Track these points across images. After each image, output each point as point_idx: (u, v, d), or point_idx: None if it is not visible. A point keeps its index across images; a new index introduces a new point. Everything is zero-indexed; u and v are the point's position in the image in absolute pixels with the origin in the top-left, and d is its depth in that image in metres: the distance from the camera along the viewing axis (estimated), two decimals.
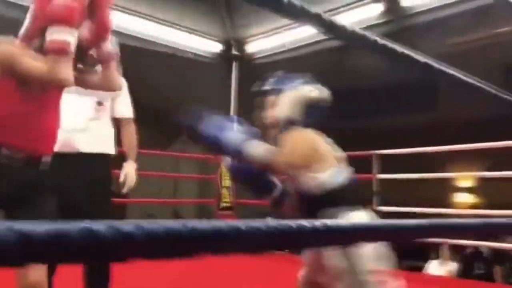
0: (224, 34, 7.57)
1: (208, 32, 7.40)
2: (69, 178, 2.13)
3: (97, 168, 2.22)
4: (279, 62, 7.26)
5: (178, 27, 6.95)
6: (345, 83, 6.81)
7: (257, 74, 7.25)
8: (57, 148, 2.06)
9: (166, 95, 7.13)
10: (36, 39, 1.50)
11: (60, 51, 1.42)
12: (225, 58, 7.64)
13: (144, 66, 6.66)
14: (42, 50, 1.47)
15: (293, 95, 1.73)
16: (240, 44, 7.67)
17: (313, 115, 1.74)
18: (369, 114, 7.18)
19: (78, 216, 2.21)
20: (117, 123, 2.40)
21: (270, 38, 7.28)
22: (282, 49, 7.21)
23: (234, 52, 7.65)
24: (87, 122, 2.22)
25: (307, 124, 1.72)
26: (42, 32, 1.46)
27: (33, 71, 1.46)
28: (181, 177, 6.69)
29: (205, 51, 7.49)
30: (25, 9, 1.56)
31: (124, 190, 2.42)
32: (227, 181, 6.02)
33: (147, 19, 6.64)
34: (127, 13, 6.40)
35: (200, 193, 7.04)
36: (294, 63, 7.04)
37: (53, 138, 1.66)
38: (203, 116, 1.67)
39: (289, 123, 1.71)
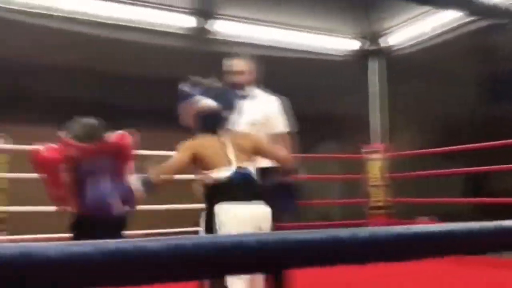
0: (359, 30, 7.48)
1: (343, 31, 7.38)
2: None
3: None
4: (420, 51, 6.94)
5: (310, 30, 7.07)
6: (496, 65, 6.22)
7: (399, 66, 7.06)
8: None
9: (304, 100, 7.28)
10: None
11: None
12: (362, 54, 7.54)
13: (280, 74, 6.90)
14: None
15: (188, 107, 2.13)
16: (377, 38, 7.50)
17: (206, 123, 2.08)
18: None
19: None
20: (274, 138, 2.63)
21: (407, 28, 6.99)
22: (422, 38, 6.87)
23: (371, 47, 7.50)
24: None
25: (203, 130, 2.08)
26: None
27: None
28: (326, 178, 6.73)
29: (341, 50, 7.48)
30: None
31: None
32: (377, 180, 5.89)
33: (280, 27, 6.87)
34: (262, 24, 6.72)
35: (345, 193, 7.02)
36: (437, 50, 6.66)
37: None
38: None
39: (193, 131, 2.13)
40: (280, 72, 6.74)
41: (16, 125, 4.71)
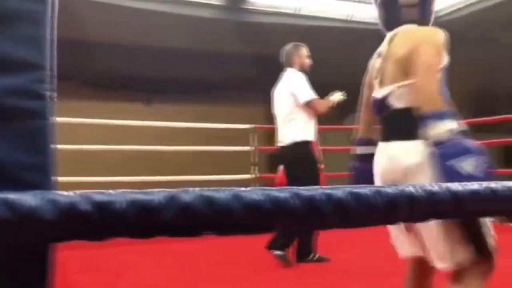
0: None
1: None
2: None
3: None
4: (464, 18, 6.85)
5: None
6: None
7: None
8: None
9: (338, 70, 7.37)
10: None
11: None
12: None
13: (317, 42, 7.01)
14: None
15: None
16: None
17: None
18: None
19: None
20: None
21: None
22: (464, 4, 6.77)
23: None
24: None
25: None
26: None
27: None
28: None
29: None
30: None
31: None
32: None
33: None
34: None
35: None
36: (481, 16, 6.55)
37: None
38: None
39: None
40: (312, 41, 6.83)
41: None
